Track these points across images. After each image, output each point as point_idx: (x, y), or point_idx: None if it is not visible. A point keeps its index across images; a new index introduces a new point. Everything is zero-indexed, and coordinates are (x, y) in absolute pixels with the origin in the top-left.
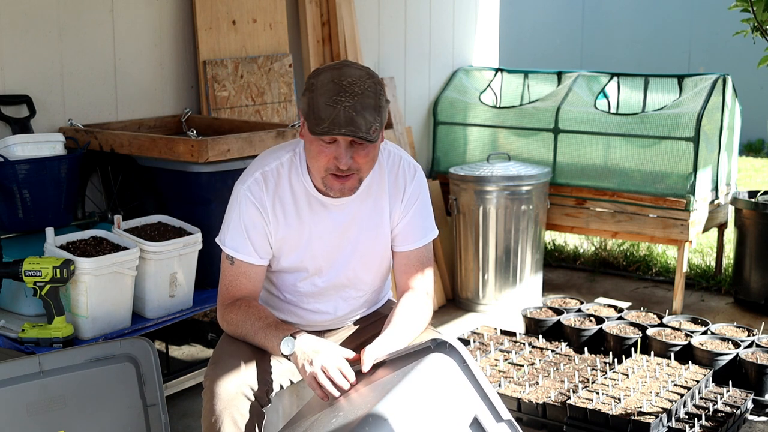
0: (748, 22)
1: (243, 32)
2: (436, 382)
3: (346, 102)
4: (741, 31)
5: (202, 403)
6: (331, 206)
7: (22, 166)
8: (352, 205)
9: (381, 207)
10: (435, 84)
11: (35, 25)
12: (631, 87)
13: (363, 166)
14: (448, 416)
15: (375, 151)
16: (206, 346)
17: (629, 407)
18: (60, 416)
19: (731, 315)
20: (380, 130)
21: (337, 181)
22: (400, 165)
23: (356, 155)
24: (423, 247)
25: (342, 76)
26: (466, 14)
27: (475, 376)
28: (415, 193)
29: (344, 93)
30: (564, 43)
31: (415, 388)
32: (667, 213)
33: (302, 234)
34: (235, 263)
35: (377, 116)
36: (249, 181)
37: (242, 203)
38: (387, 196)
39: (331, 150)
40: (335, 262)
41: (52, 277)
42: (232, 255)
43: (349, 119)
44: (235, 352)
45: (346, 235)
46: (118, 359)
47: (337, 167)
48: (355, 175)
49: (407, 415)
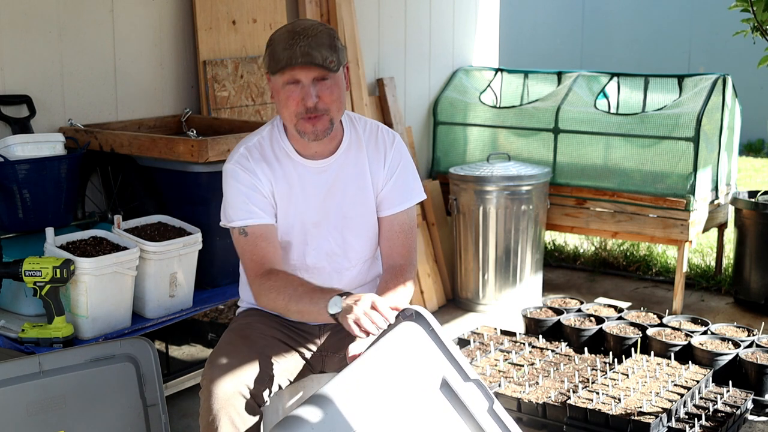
0: (748, 22)
1: (243, 32)
2: (404, 349)
3: (301, 42)
4: (741, 31)
5: (200, 402)
6: (314, 169)
7: (22, 166)
8: (334, 167)
9: (362, 170)
10: (435, 84)
11: (35, 25)
12: (631, 87)
13: (330, 105)
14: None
15: (339, 90)
16: (206, 346)
17: (629, 407)
18: (60, 416)
19: (731, 315)
20: (339, 65)
21: (308, 122)
22: (378, 131)
23: (321, 93)
24: (405, 213)
25: (296, 25)
26: (466, 14)
27: (442, 340)
28: (396, 158)
29: (299, 36)
30: (564, 43)
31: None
32: (667, 213)
33: (290, 197)
34: (249, 233)
35: (333, 53)
36: (235, 157)
37: (235, 175)
38: (367, 160)
39: (297, 91)
40: (323, 225)
41: (52, 277)
42: (242, 225)
43: (305, 53)
44: (232, 352)
45: (331, 197)
46: (118, 359)
47: (306, 108)
48: (324, 115)
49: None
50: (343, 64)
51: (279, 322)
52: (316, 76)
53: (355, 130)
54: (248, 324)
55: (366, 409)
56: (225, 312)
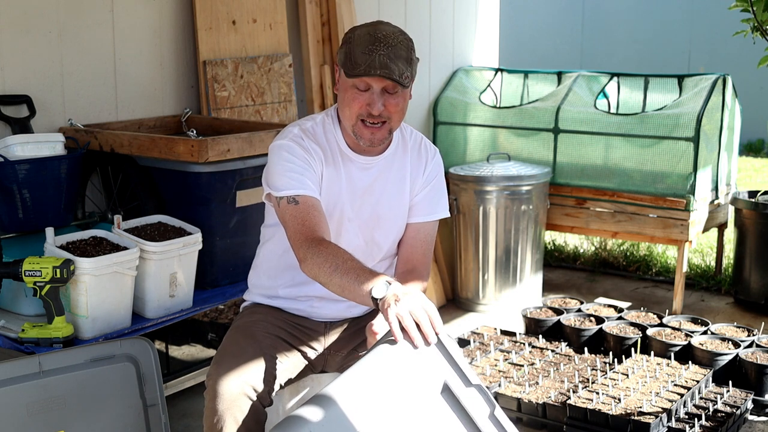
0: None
1: (243, 32)
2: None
3: (381, 51)
4: (741, 31)
5: (205, 402)
6: (359, 164)
7: (22, 166)
8: (378, 167)
9: (403, 175)
10: (435, 84)
11: (35, 25)
12: (631, 87)
13: (393, 116)
14: (419, 384)
15: (404, 102)
16: (206, 346)
17: (629, 407)
18: (60, 416)
19: (731, 315)
20: (411, 80)
21: (367, 129)
22: (422, 143)
23: (388, 103)
24: (432, 226)
25: (377, 31)
26: (466, 14)
27: (444, 344)
28: (434, 171)
29: (379, 43)
30: (564, 43)
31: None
32: (667, 213)
33: (332, 187)
34: (299, 201)
35: (408, 67)
36: (290, 135)
37: (290, 149)
38: (409, 167)
39: (365, 97)
40: (356, 220)
41: (52, 277)
42: (293, 195)
43: (384, 64)
44: (238, 351)
45: (369, 195)
46: (118, 359)
47: (369, 113)
48: (386, 124)
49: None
50: (414, 78)
51: (284, 319)
52: (387, 86)
53: (402, 137)
54: (254, 322)
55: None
56: (225, 312)
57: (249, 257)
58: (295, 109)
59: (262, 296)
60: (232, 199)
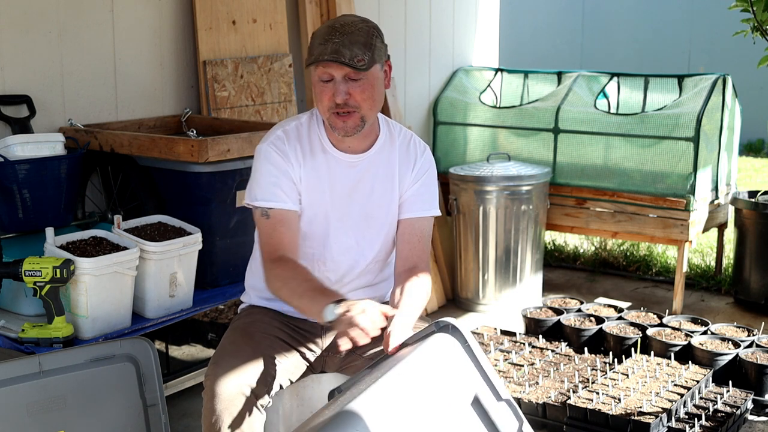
0: (748, 22)
1: (243, 32)
2: (438, 361)
3: (336, 39)
4: (741, 31)
5: (203, 402)
6: (345, 162)
7: (22, 166)
8: (365, 163)
9: (392, 172)
10: (435, 84)
11: (35, 25)
12: (631, 87)
13: (361, 103)
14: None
15: (372, 89)
16: (206, 346)
17: (629, 407)
18: (60, 416)
19: (731, 315)
20: (369, 63)
21: (339, 119)
22: (411, 139)
23: (351, 90)
24: (427, 222)
25: (337, 22)
26: (466, 14)
27: (476, 356)
28: (424, 167)
29: (336, 32)
30: (564, 43)
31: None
32: (667, 213)
33: (317, 187)
34: (270, 215)
35: (366, 51)
36: (271, 137)
37: (267, 155)
38: (397, 163)
39: (330, 87)
40: (346, 220)
41: (52, 277)
42: (265, 206)
43: (335, 50)
44: (236, 351)
45: (357, 193)
46: (118, 359)
47: (336, 104)
48: (355, 113)
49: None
50: (380, 62)
51: (282, 321)
52: (346, 73)
53: (390, 133)
54: (252, 322)
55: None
56: (225, 312)
57: (249, 257)
58: (295, 109)
59: (260, 298)
60: (232, 199)
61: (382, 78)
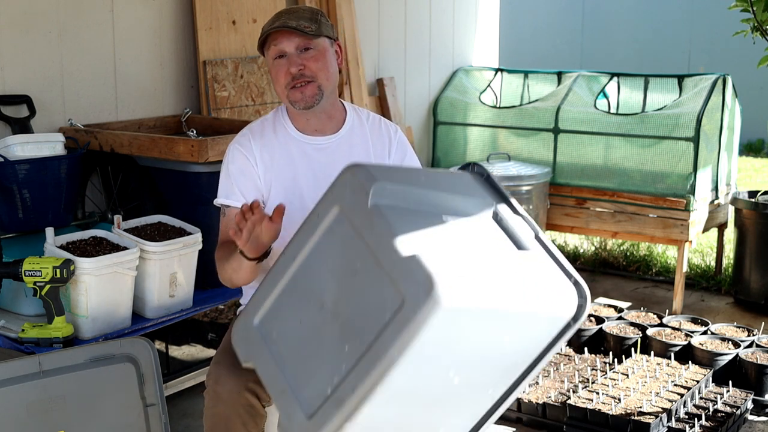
0: (748, 22)
1: (243, 32)
2: (464, 183)
3: (282, 17)
4: (741, 31)
5: (204, 403)
6: (314, 146)
7: (22, 166)
8: (335, 146)
9: (366, 152)
10: (435, 84)
11: (35, 25)
12: (631, 87)
13: (316, 72)
14: (474, 208)
15: (324, 59)
16: (206, 346)
17: (629, 407)
18: (60, 416)
19: (731, 315)
20: (317, 32)
21: (297, 91)
22: (380, 121)
23: (305, 60)
24: None
25: (283, 8)
26: (466, 14)
27: (495, 183)
28: (401, 147)
29: (281, 14)
30: (564, 43)
31: (451, 187)
32: (667, 213)
33: (288, 173)
34: (226, 213)
35: (312, 23)
36: (237, 137)
37: (231, 155)
38: (370, 143)
39: (284, 62)
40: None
41: (52, 277)
42: (222, 203)
43: (282, 24)
44: None
45: (332, 173)
46: (118, 359)
47: (292, 76)
48: (312, 82)
49: (444, 209)
50: (327, 35)
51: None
52: (298, 44)
53: (357, 116)
54: None
55: (436, 229)
56: (225, 312)
57: None
58: None
59: None
60: None
61: (333, 53)
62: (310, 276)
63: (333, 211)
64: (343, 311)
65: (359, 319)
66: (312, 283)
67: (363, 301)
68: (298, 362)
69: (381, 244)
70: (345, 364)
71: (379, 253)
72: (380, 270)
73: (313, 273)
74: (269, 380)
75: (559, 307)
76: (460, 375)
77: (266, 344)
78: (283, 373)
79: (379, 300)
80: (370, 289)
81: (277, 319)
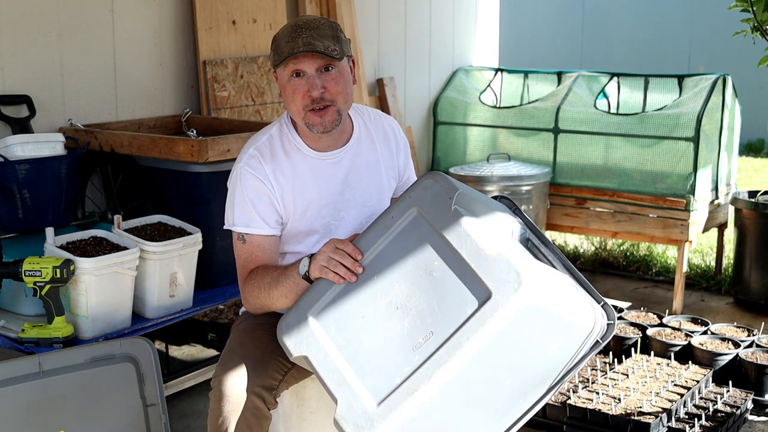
0: (748, 22)
1: (243, 32)
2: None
3: (304, 34)
4: (741, 31)
5: (210, 403)
6: (327, 161)
7: (22, 166)
8: (348, 157)
9: (375, 159)
10: (435, 84)
11: (35, 25)
12: (631, 87)
13: (336, 96)
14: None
15: (344, 81)
16: (206, 346)
17: (629, 407)
18: (60, 416)
19: (731, 315)
20: (342, 54)
21: (316, 115)
22: (381, 119)
23: (326, 83)
24: None
25: (299, 20)
26: (466, 14)
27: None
28: (405, 142)
29: (301, 29)
30: (564, 43)
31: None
32: (667, 213)
33: (306, 193)
34: (247, 241)
35: (336, 43)
36: (245, 158)
37: (243, 179)
38: (378, 148)
39: (302, 83)
40: (346, 216)
41: (52, 277)
42: (242, 232)
43: (307, 43)
44: (244, 353)
45: (348, 186)
46: (118, 359)
47: (311, 99)
48: (331, 107)
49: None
50: (347, 54)
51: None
52: (319, 65)
53: (363, 121)
54: (259, 324)
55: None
56: (225, 312)
57: None
58: None
59: None
60: None
61: (350, 72)
62: (378, 274)
63: (411, 213)
64: (415, 306)
65: (433, 314)
66: (380, 281)
67: (438, 297)
68: (360, 354)
69: (466, 243)
70: (418, 356)
71: (464, 251)
72: (463, 267)
73: (381, 271)
74: (325, 371)
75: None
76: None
77: (324, 337)
78: (343, 364)
79: (459, 295)
80: (448, 285)
81: (336, 314)
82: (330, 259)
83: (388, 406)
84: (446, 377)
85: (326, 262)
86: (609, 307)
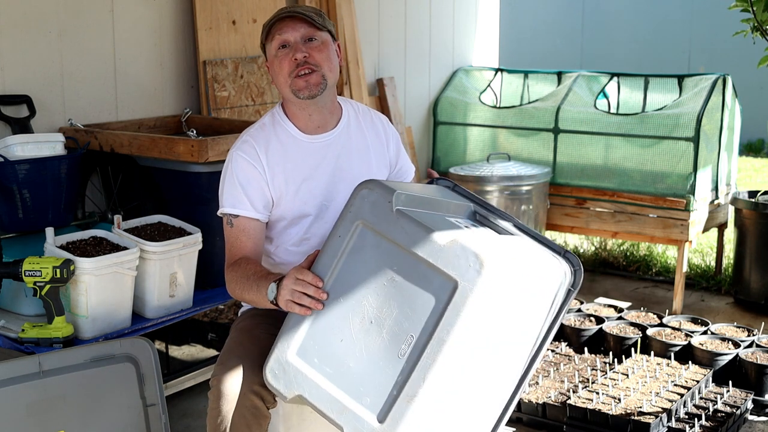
0: (748, 22)
1: (243, 32)
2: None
3: (287, 9)
4: (741, 31)
5: (209, 402)
6: (318, 144)
7: (22, 166)
8: (339, 140)
9: (365, 144)
10: (435, 84)
11: (35, 25)
12: (631, 87)
13: (321, 62)
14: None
15: (328, 50)
16: (206, 346)
17: (629, 407)
18: (60, 416)
19: (731, 315)
20: (324, 26)
21: (301, 79)
22: (370, 112)
23: (310, 50)
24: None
25: (285, 6)
26: (466, 14)
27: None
28: (395, 134)
29: (286, 8)
30: (564, 43)
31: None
32: (667, 213)
33: (298, 175)
34: (234, 224)
35: (318, 16)
36: (238, 143)
37: (234, 163)
38: (367, 135)
39: (288, 52)
40: (335, 195)
41: (52, 277)
42: (229, 213)
43: (290, 10)
44: (243, 352)
45: (339, 168)
46: (118, 359)
47: (296, 63)
48: (316, 71)
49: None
50: (331, 32)
51: (282, 321)
52: (303, 35)
53: (352, 108)
54: (257, 324)
55: None
56: (225, 312)
57: None
58: None
59: None
60: None
61: (335, 49)
62: (343, 295)
63: (356, 227)
64: (387, 316)
65: (408, 318)
66: (346, 302)
67: (408, 301)
68: (350, 378)
69: (417, 241)
70: (406, 362)
71: (418, 249)
72: (422, 265)
73: (345, 292)
74: (323, 403)
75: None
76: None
77: (310, 371)
78: (338, 392)
79: (427, 293)
80: (413, 286)
81: (315, 346)
82: (293, 291)
83: (394, 419)
84: (440, 375)
85: (290, 295)
86: (572, 254)
